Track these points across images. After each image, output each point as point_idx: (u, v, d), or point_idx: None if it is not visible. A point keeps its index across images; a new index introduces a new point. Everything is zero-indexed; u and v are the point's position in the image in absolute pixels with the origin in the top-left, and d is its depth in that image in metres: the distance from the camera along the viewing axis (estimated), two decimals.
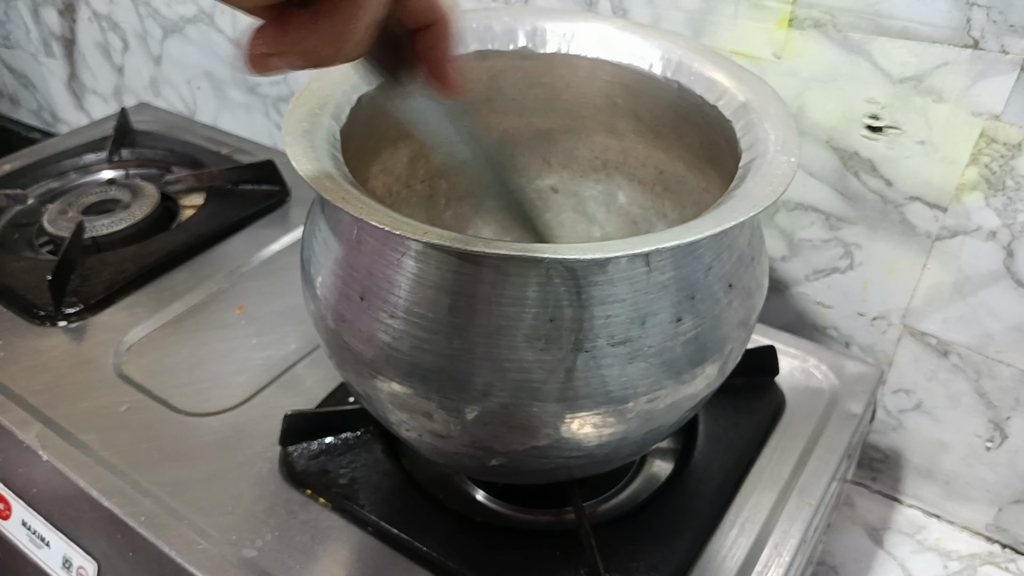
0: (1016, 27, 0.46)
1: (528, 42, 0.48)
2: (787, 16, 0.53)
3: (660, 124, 0.48)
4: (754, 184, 0.35)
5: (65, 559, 0.49)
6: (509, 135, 0.53)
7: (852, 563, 0.61)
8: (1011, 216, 0.51)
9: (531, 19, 0.48)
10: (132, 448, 0.50)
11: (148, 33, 0.95)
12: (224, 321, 0.61)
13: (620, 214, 0.55)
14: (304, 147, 0.36)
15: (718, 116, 0.42)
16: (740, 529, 0.46)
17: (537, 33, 0.48)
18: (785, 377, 0.56)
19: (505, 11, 0.48)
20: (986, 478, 0.61)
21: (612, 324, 0.34)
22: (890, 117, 0.53)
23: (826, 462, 0.50)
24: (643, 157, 0.51)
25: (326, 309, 0.38)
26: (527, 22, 0.48)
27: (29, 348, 0.58)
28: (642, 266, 0.34)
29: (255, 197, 0.75)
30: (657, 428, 0.39)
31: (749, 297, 0.38)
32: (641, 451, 0.47)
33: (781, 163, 0.36)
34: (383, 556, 0.44)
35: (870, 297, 0.60)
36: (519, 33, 0.48)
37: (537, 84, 0.50)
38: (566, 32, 0.48)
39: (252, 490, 0.48)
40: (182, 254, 0.68)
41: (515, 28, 0.48)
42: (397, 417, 0.39)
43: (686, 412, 0.39)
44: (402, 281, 0.35)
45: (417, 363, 0.35)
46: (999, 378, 0.57)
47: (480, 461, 0.40)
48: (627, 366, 0.34)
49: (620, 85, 0.48)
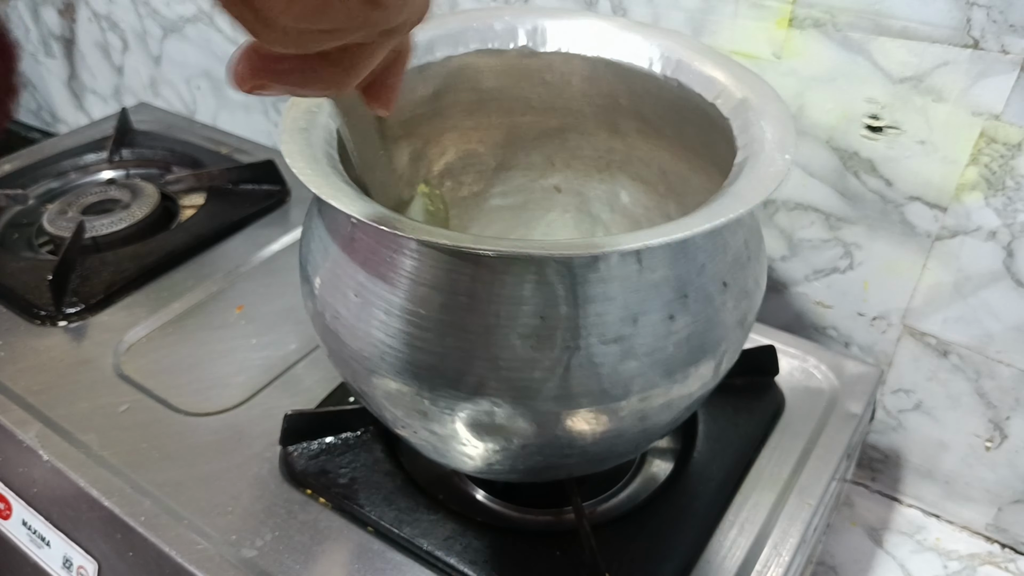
0: (1016, 27, 0.46)
1: (529, 41, 0.48)
2: (787, 16, 0.53)
3: (662, 123, 0.48)
4: (746, 182, 0.35)
5: (65, 559, 0.49)
6: (512, 134, 0.53)
7: (852, 563, 0.61)
8: (1011, 216, 0.51)
9: (532, 18, 0.48)
10: (132, 448, 0.50)
11: (147, 33, 0.95)
12: (224, 321, 0.61)
13: (624, 214, 0.55)
14: (300, 144, 0.36)
15: (716, 114, 0.42)
16: (740, 529, 0.46)
17: (538, 32, 0.48)
18: (785, 377, 0.56)
19: (506, 10, 0.48)
20: (986, 478, 0.61)
21: (603, 322, 0.34)
22: (890, 117, 0.53)
23: (826, 462, 0.50)
24: (646, 156, 0.51)
25: (323, 306, 0.38)
26: (528, 21, 0.48)
27: (29, 348, 0.58)
28: (633, 264, 0.34)
29: (255, 197, 0.75)
30: (651, 427, 0.39)
31: (746, 296, 0.38)
32: (637, 450, 0.47)
33: (775, 161, 0.35)
34: (383, 556, 0.44)
35: (870, 297, 0.60)
36: (520, 32, 0.48)
37: (539, 83, 0.50)
38: (567, 31, 0.48)
39: (252, 490, 0.48)
40: (182, 254, 0.68)
41: (516, 27, 0.48)
42: (392, 414, 0.39)
43: (681, 411, 0.39)
44: (394, 278, 0.35)
45: (410, 360, 0.35)
46: (999, 378, 0.57)
47: (474, 458, 0.40)
48: (619, 365, 0.34)
49: (622, 84, 0.48)
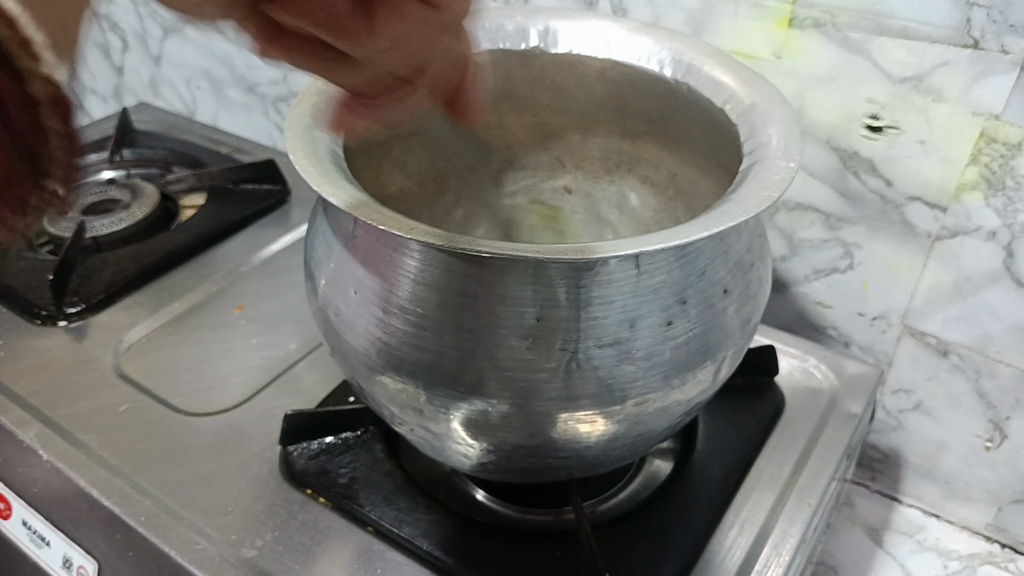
0: (1016, 27, 0.46)
1: (540, 42, 0.48)
2: (787, 15, 0.53)
3: (672, 126, 0.48)
4: (750, 189, 0.35)
5: (65, 559, 0.49)
6: (522, 134, 0.53)
7: (851, 563, 0.61)
8: (1011, 216, 0.51)
9: (543, 19, 0.48)
10: (132, 448, 0.50)
11: (147, 33, 0.95)
12: (224, 321, 0.61)
13: (632, 216, 0.55)
14: (303, 141, 0.36)
15: (725, 119, 0.42)
16: (740, 529, 0.46)
17: (549, 33, 0.48)
18: (785, 377, 0.56)
19: (518, 11, 0.48)
20: (986, 478, 0.61)
21: (600, 326, 0.34)
22: (890, 117, 0.53)
23: (826, 462, 0.50)
24: (655, 159, 0.51)
25: (325, 303, 0.39)
26: (539, 22, 0.48)
27: (29, 348, 0.58)
28: (631, 268, 0.34)
29: (256, 197, 0.75)
30: (648, 432, 0.39)
31: (748, 302, 0.38)
32: (633, 455, 0.47)
33: (780, 168, 0.35)
34: (383, 556, 0.44)
35: (870, 297, 0.60)
36: (531, 32, 0.48)
37: (549, 84, 0.50)
38: (578, 32, 0.48)
39: (252, 490, 0.48)
40: (182, 254, 0.68)
41: (527, 27, 0.48)
42: (390, 411, 0.39)
43: (678, 417, 0.39)
44: (392, 277, 0.35)
45: (406, 358, 0.35)
46: (999, 378, 0.57)
47: (470, 457, 0.40)
48: (615, 368, 0.34)
49: (632, 87, 0.48)
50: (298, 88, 0.87)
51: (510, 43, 0.48)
